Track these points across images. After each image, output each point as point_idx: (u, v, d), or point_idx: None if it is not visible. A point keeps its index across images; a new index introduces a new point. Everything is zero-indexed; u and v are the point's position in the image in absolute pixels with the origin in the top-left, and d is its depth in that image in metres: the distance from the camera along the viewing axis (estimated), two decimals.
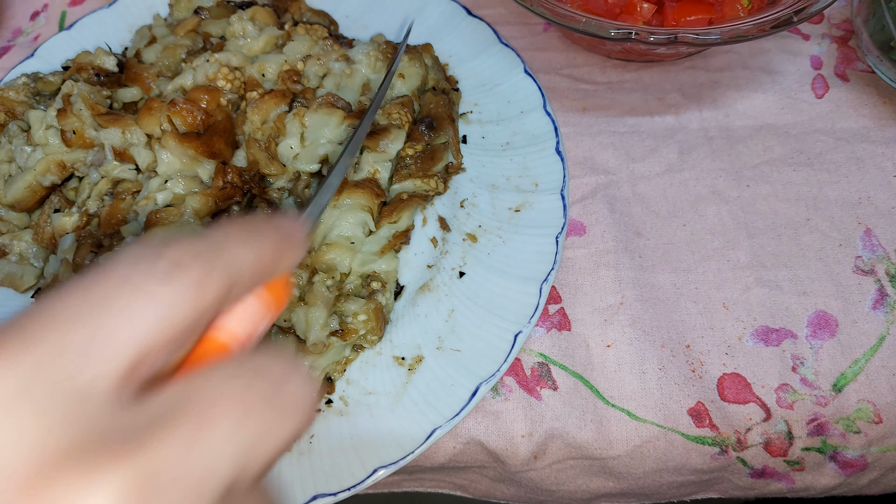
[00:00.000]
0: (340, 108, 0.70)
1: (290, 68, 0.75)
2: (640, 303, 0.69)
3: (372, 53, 0.76)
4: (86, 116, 0.72)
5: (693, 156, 0.79)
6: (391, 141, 0.70)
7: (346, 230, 0.66)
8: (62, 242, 0.71)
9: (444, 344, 0.65)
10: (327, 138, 0.70)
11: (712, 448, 0.64)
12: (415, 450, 0.59)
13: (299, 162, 0.70)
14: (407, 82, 0.76)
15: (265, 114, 0.72)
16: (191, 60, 0.76)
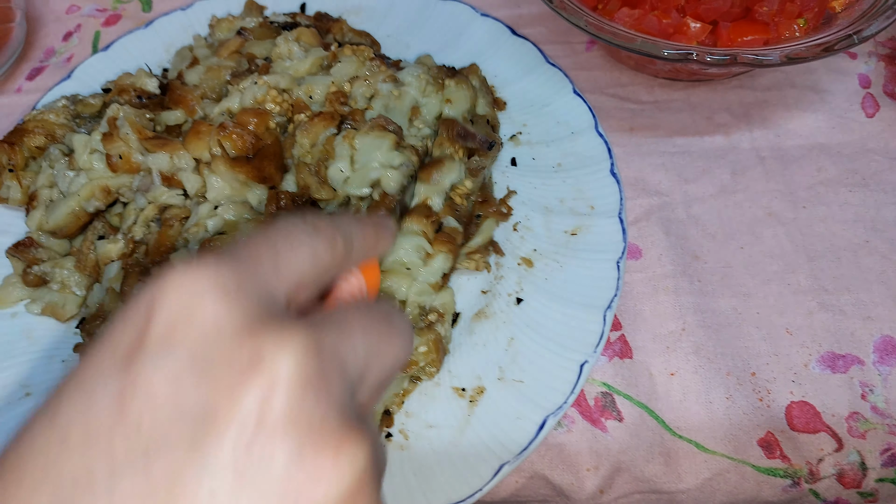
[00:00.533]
0: (392, 131, 0.69)
1: (337, 90, 0.74)
2: (703, 329, 0.68)
3: (422, 76, 0.74)
4: (132, 140, 0.70)
5: (746, 177, 0.78)
6: (445, 174, 0.68)
7: (402, 255, 0.64)
8: (107, 270, 0.69)
9: (505, 374, 0.63)
10: (379, 162, 0.68)
11: (784, 480, 0.62)
12: (483, 487, 0.57)
13: (350, 186, 0.69)
14: (455, 107, 0.74)
15: (314, 137, 0.70)
16: (236, 82, 0.74)
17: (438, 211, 0.68)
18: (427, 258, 0.66)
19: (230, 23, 0.85)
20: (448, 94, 0.75)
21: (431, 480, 0.58)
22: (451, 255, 0.66)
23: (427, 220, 0.66)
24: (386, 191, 0.67)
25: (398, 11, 0.90)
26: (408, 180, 0.68)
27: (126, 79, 0.80)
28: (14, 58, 0.98)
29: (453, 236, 0.67)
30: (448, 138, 0.71)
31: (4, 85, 0.98)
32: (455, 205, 0.70)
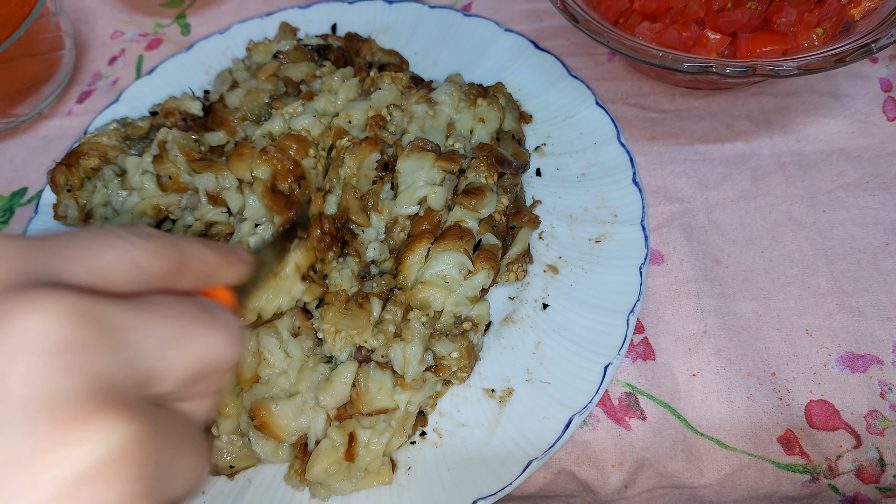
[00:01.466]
0: (430, 150, 0.73)
1: (375, 114, 0.78)
2: (724, 331, 0.70)
3: (455, 94, 0.78)
4: (181, 162, 0.75)
5: (767, 182, 0.80)
6: (484, 205, 0.72)
7: (442, 270, 0.68)
8: None
9: (533, 376, 0.66)
10: (424, 180, 0.72)
11: (803, 476, 0.64)
12: (512, 481, 0.60)
13: (398, 207, 0.73)
14: (487, 126, 0.78)
15: (361, 160, 0.75)
16: (277, 105, 0.79)
17: (474, 231, 0.71)
18: (469, 275, 0.69)
19: (266, 46, 0.90)
20: (480, 114, 0.79)
21: (464, 475, 0.62)
22: (492, 271, 0.70)
23: (461, 242, 0.69)
24: (431, 206, 0.71)
25: (425, 29, 0.94)
26: None
27: (171, 102, 0.85)
28: (64, 83, 1.04)
29: (494, 252, 0.71)
30: (486, 165, 0.74)
31: (56, 108, 1.04)
32: (494, 221, 0.73)
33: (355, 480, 0.63)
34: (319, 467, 0.61)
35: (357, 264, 0.71)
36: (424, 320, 0.65)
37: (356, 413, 0.64)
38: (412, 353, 0.63)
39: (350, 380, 0.64)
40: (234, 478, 0.66)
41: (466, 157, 0.76)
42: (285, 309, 0.66)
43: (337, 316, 0.66)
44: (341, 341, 0.66)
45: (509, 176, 0.77)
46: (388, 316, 0.66)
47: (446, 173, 0.74)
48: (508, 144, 0.80)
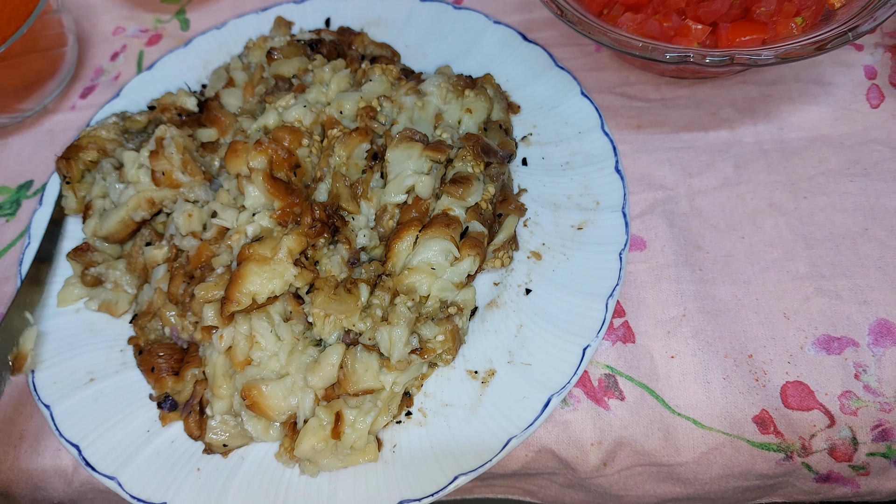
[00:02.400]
0: (418, 140, 0.75)
1: (366, 105, 0.80)
2: (702, 315, 0.72)
3: (443, 85, 0.80)
4: (175, 160, 0.78)
5: (749, 169, 0.81)
6: (471, 193, 0.74)
7: (429, 257, 0.70)
8: (155, 273, 0.78)
9: (514, 358, 0.68)
10: (412, 169, 0.74)
11: (777, 454, 0.66)
12: (492, 458, 0.63)
13: (387, 195, 0.75)
14: (474, 116, 0.80)
15: (351, 149, 0.77)
16: (271, 100, 0.81)
17: (461, 218, 0.74)
18: (455, 261, 0.71)
19: (262, 41, 0.92)
20: (468, 104, 0.81)
21: (447, 453, 0.64)
22: (478, 258, 0.72)
23: (448, 229, 0.71)
24: (419, 195, 0.73)
25: (416, 22, 0.96)
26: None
27: (168, 98, 0.88)
28: (68, 78, 1.07)
29: (480, 240, 0.73)
30: (472, 154, 0.76)
31: (60, 103, 1.07)
32: (480, 209, 0.75)
33: (342, 457, 0.66)
34: (307, 444, 0.64)
35: (347, 251, 0.74)
36: (410, 305, 0.67)
37: (343, 393, 0.67)
38: (398, 336, 0.65)
39: (338, 361, 0.66)
40: (228, 456, 0.69)
41: (453, 147, 0.78)
42: (279, 293, 0.69)
43: (326, 301, 0.68)
44: (330, 325, 0.68)
45: (496, 165, 0.79)
46: (376, 301, 0.68)
47: (434, 162, 0.76)
48: (496, 134, 0.82)
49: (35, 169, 1.00)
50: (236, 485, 0.66)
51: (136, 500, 0.66)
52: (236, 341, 0.69)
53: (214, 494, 0.66)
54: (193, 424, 0.69)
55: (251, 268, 0.67)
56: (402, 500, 0.63)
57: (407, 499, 0.62)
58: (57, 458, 0.74)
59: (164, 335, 0.75)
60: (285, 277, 0.69)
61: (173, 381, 0.71)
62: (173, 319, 0.74)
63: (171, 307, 0.74)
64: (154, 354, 0.72)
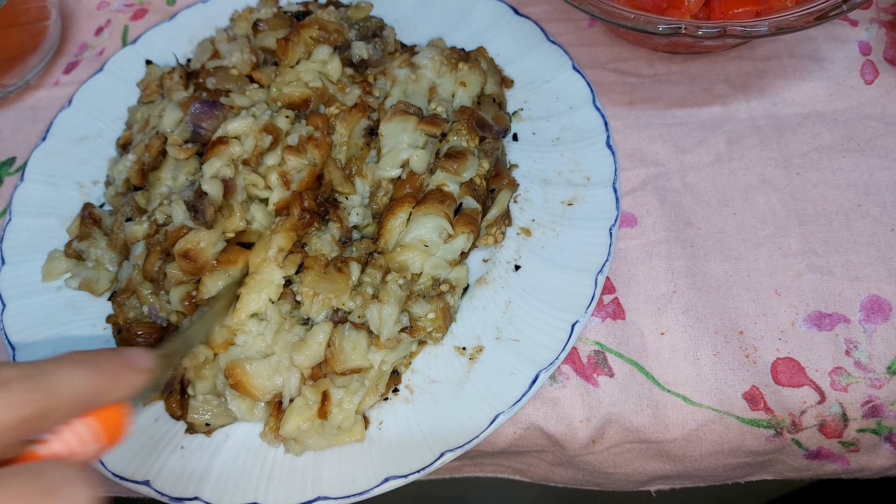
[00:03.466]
0: (413, 113, 0.74)
1: (361, 80, 0.79)
2: (693, 291, 0.71)
3: (437, 58, 0.79)
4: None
5: (742, 145, 0.80)
6: (466, 169, 0.72)
7: (423, 233, 0.69)
8: (134, 249, 0.76)
9: (502, 334, 0.68)
10: (407, 143, 0.73)
11: (767, 430, 0.65)
12: (479, 434, 0.62)
13: (381, 169, 0.73)
14: (468, 90, 0.79)
15: (352, 127, 0.76)
16: (258, 77, 0.81)
17: (455, 194, 0.72)
18: (449, 238, 0.70)
19: (248, 13, 0.90)
20: (462, 78, 0.79)
21: (434, 429, 0.63)
22: (472, 235, 0.71)
23: (442, 206, 0.70)
24: (414, 170, 0.72)
25: None
26: None
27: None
28: (51, 53, 1.05)
29: (474, 217, 0.71)
30: (467, 128, 0.75)
31: (43, 79, 1.05)
32: (474, 185, 0.74)
33: (328, 437, 0.65)
34: (293, 424, 0.63)
35: (339, 230, 0.72)
36: (402, 283, 0.66)
37: (330, 372, 0.66)
38: (388, 314, 0.64)
39: (325, 340, 0.65)
40: (212, 434, 0.68)
41: (448, 121, 0.76)
42: (274, 298, 0.67)
43: (316, 280, 0.67)
44: (318, 304, 0.67)
45: (490, 140, 0.78)
46: (367, 279, 0.67)
47: (429, 137, 0.74)
48: (489, 108, 0.81)
49: (17, 146, 0.98)
50: (220, 463, 0.65)
51: (119, 478, 0.65)
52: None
53: (198, 472, 0.65)
54: (175, 405, 0.67)
55: (247, 292, 0.67)
56: (388, 477, 0.62)
57: (393, 475, 0.62)
58: None
59: (143, 314, 0.74)
60: (275, 282, 0.67)
61: None
62: (151, 298, 0.72)
63: (147, 285, 0.73)
64: (133, 333, 0.70)
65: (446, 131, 0.75)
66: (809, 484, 0.74)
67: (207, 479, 0.65)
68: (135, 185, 0.80)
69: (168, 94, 0.85)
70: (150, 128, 0.83)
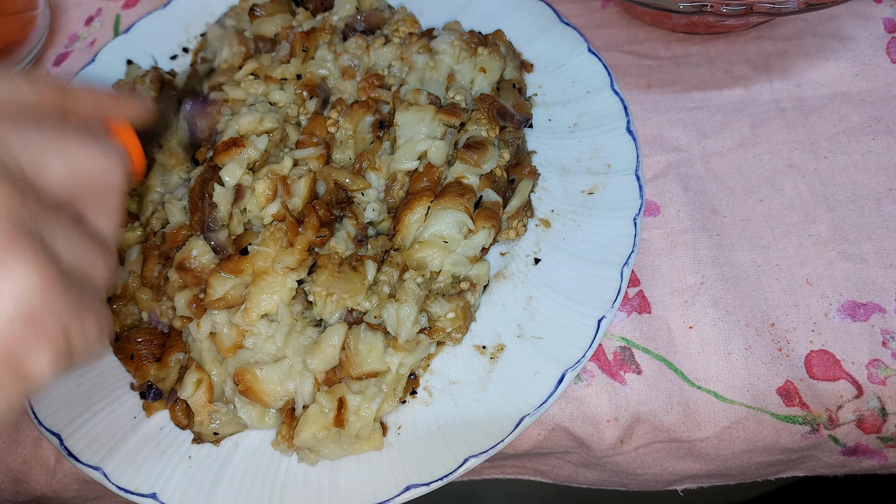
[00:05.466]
0: (431, 103, 0.70)
1: (369, 74, 0.75)
2: (721, 282, 0.68)
3: (456, 43, 0.75)
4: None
5: (766, 129, 0.77)
6: (486, 160, 0.69)
7: (442, 229, 0.65)
8: (128, 255, 0.73)
9: (524, 332, 0.64)
10: (424, 134, 0.69)
11: (803, 427, 0.63)
12: (504, 438, 0.59)
13: (396, 162, 0.70)
14: (488, 76, 0.75)
15: (356, 122, 0.72)
16: (253, 68, 0.77)
17: (475, 187, 0.69)
18: (469, 234, 0.66)
19: (245, 2, 0.86)
20: (481, 63, 0.76)
21: (455, 433, 0.60)
22: (494, 229, 0.67)
23: (462, 199, 0.66)
24: (432, 162, 0.68)
25: None
26: None
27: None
28: (40, 44, 1.00)
29: (495, 211, 0.68)
30: (487, 117, 0.71)
31: (33, 71, 1.01)
32: (494, 176, 0.70)
33: (345, 446, 0.61)
34: (308, 433, 0.60)
35: (354, 227, 0.68)
36: (420, 281, 0.63)
37: (346, 377, 0.62)
38: (406, 314, 0.61)
39: (339, 342, 0.62)
40: (220, 443, 0.64)
41: (468, 110, 0.73)
42: (287, 301, 0.64)
43: (329, 279, 0.63)
44: (332, 304, 0.64)
45: (511, 129, 0.74)
46: (384, 277, 0.63)
47: (447, 127, 0.70)
48: (509, 95, 0.77)
49: None
50: (230, 473, 0.62)
51: (123, 490, 0.61)
52: (219, 328, 0.64)
53: (207, 484, 0.62)
54: (181, 413, 0.64)
55: (256, 291, 0.63)
56: (409, 485, 0.59)
57: (415, 483, 0.59)
58: (38, 449, 0.69)
59: (141, 320, 0.70)
60: (287, 286, 0.64)
61: (156, 368, 0.66)
62: (151, 304, 0.69)
63: (147, 291, 0.70)
64: (132, 341, 0.67)
65: (465, 121, 0.71)
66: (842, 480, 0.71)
67: (217, 491, 0.61)
68: None
69: None
70: None
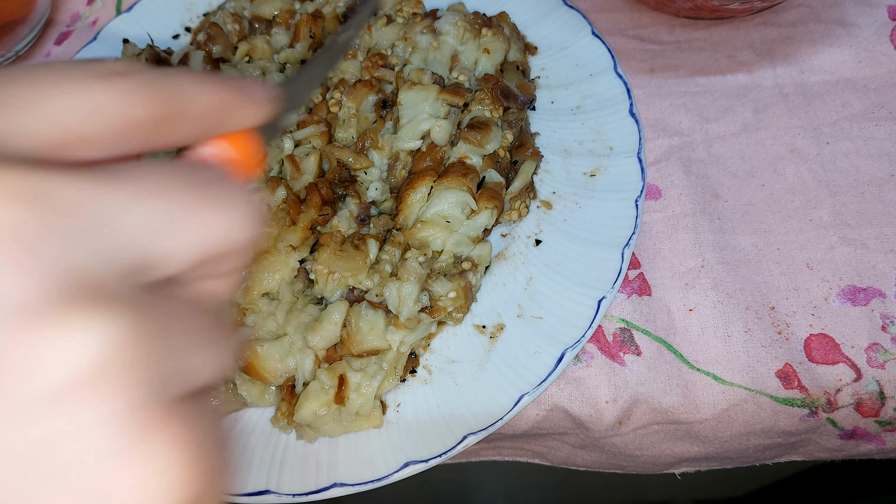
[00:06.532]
0: (434, 82, 0.70)
1: (374, 53, 0.75)
2: (722, 265, 0.68)
3: (460, 24, 0.75)
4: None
5: (769, 114, 0.77)
6: (490, 140, 0.68)
7: (444, 209, 0.65)
8: None
9: (524, 312, 0.65)
10: (428, 113, 0.69)
11: (802, 410, 0.63)
12: (504, 416, 0.59)
13: (399, 141, 0.70)
14: (492, 57, 0.74)
15: (359, 101, 0.72)
16: (246, 49, 0.77)
17: (478, 167, 0.68)
18: (472, 214, 0.66)
19: None
20: (485, 44, 0.75)
21: (454, 411, 0.60)
22: (496, 210, 0.67)
23: (465, 179, 0.66)
24: (435, 141, 0.68)
25: None
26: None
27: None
28: (42, 23, 1.00)
29: (498, 191, 0.68)
30: (491, 98, 0.71)
31: (34, 51, 1.00)
32: (497, 157, 0.70)
33: (345, 423, 0.62)
34: (308, 409, 0.60)
35: (357, 206, 0.68)
36: (422, 260, 0.63)
37: (346, 354, 0.62)
38: (408, 293, 0.61)
39: (340, 320, 0.62)
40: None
41: (471, 90, 0.72)
42: (289, 280, 0.64)
43: (331, 258, 0.63)
44: (334, 283, 0.64)
45: (514, 110, 0.74)
46: (385, 256, 0.63)
47: (451, 107, 0.70)
48: (513, 76, 0.77)
49: None
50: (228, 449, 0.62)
51: None
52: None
53: None
54: None
55: (258, 270, 0.63)
56: (408, 462, 0.59)
57: (413, 460, 0.59)
58: None
59: None
60: (290, 265, 0.64)
61: None
62: None
63: None
64: None
65: (469, 101, 0.71)
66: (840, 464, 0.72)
67: None
68: None
69: None
70: None
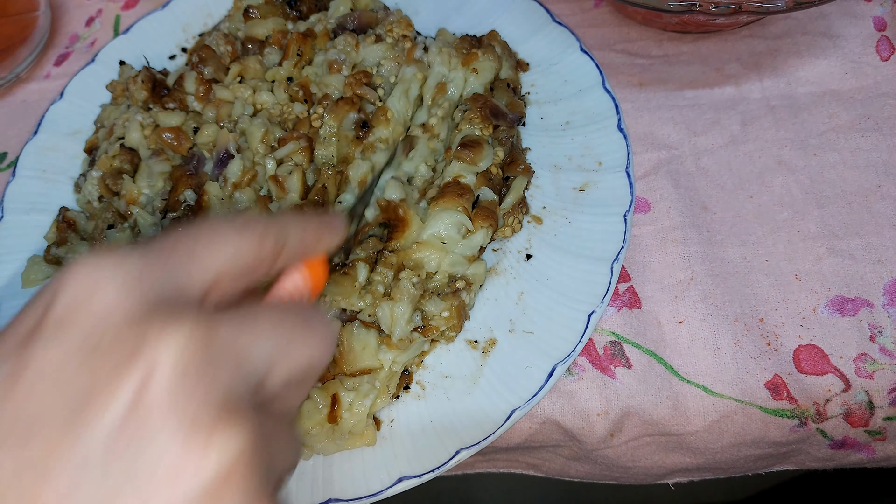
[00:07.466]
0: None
1: (358, 70, 0.76)
2: (711, 278, 0.69)
3: (444, 50, 0.76)
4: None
5: (756, 126, 0.78)
6: (482, 158, 0.70)
7: (441, 230, 0.66)
8: None
9: (516, 326, 0.65)
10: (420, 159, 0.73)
11: (791, 420, 0.63)
12: (495, 430, 0.60)
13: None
14: (480, 77, 0.76)
15: (340, 119, 0.73)
16: (240, 70, 0.78)
17: (472, 185, 0.69)
18: (468, 234, 0.67)
19: (240, 2, 0.87)
20: (475, 64, 0.76)
21: (447, 426, 0.61)
22: (491, 229, 0.68)
23: (461, 199, 0.67)
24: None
25: None
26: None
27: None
28: (41, 45, 1.02)
29: (492, 210, 0.69)
30: (480, 117, 0.72)
31: (34, 72, 1.02)
32: (490, 174, 0.71)
33: (338, 442, 0.62)
34: (301, 429, 0.61)
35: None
36: (416, 280, 0.64)
37: (339, 373, 0.63)
38: (400, 313, 0.61)
39: None
40: None
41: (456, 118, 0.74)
42: None
43: None
44: (326, 306, 0.64)
45: (504, 128, 0.75)
46: (378, 277, 0.64)
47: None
48: (503, 94, 0.78)
49: (8, 140, 0.95)
50: None
51: None
52: None
53: None
54: None
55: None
56: (401, 477, 0.60)
57: (407, 475, 0.60)
58: None
59: None
60: None
61: None
62: None
63: None
64: None
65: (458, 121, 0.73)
66: (832, 473, 0.72)
67: None
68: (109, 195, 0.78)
69: (132, 100, 0.83)
70: (114, 137, 0.81)
